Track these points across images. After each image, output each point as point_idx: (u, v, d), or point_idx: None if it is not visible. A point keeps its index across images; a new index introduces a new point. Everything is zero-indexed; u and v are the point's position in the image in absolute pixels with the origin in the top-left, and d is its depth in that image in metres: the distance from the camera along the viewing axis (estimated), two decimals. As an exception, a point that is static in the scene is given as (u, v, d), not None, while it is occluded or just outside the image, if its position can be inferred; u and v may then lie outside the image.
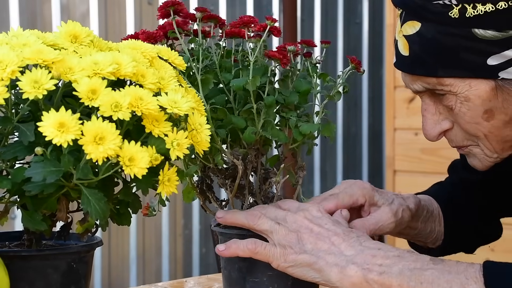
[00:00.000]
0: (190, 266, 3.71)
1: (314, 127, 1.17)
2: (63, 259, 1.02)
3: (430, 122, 1.20)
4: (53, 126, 0.89)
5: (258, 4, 3.89)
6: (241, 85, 1.13)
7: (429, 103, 1.20)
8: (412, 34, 1.14)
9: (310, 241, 1.13)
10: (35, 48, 0.95)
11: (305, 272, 1.13)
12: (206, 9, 1.19)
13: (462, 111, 1.15)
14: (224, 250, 1.15)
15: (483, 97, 1.13)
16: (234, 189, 1.20)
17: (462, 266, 1.06)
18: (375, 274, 1.07)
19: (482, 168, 1.24)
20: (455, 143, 1.23)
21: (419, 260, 1.08)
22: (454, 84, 1.13)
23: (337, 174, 4.25)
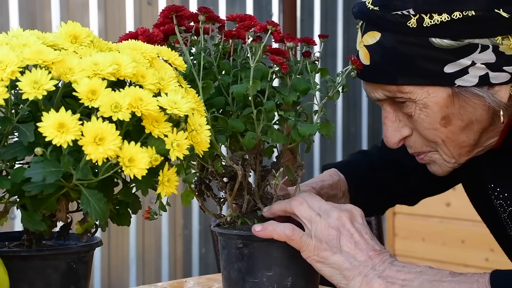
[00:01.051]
0: (189, 266, 3.71)
1: (313, 128, 1.17)
2: (63, 259, 1.02)
3: (390, 130, 1.24)
4: (53, 126, 0.89)
5: (258, 4, 3.89)
6: (241, 92, 1.13)
7: (390, 111, 1.23)
8: (373, 44, 1.19)
9: (348, 246, 1.14)
10: (35, 48, 0.95)
11: (333, 273, 1.14)
12: (209, 9, 1.18)
13: (421, 118, 1.19)
14: (261, 230, 1.15)
15: (440, 103, 1.17)
16: (233, 193, 1.20)
17: (476, 276, 1.11)
18: (398, 286, 1.11)
19: (442, 174, 1.28)
20: (414, 149, 1.26)
21: (439, 273, 1.12)
22: (413, 91, 1.18)
23: (337, 174, 4.25)
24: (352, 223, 1.16)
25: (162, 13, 1.19)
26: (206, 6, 1.19)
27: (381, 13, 1.17)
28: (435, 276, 1.12)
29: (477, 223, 1.54)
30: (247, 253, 1.18)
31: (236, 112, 1.17)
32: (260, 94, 1.16)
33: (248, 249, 1.17)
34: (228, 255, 1.20)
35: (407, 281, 1.11)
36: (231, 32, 1.20)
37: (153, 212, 1.16)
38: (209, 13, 1.19)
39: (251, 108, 1.15)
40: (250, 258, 1.17)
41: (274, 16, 3.93)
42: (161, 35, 1.17)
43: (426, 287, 1.10)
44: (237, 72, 1.18)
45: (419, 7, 1.14)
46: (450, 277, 1.11)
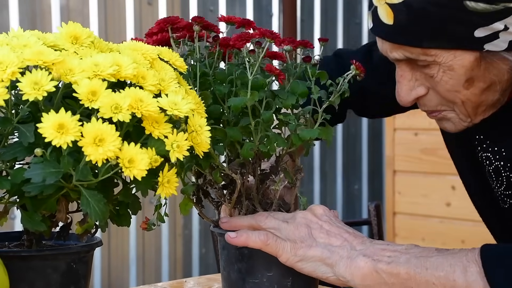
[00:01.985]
0: (189, 266, 3.71)
1: (313, 132, 1.17)
2: (63, 260, 1.02)
3: (405, 89, 1.21)
4: (52, 127, 0.89)
5: (258, 4, 3.89)
6: (239, 106, 1.12)
7: (406, 70, 1.20)
8: (398, 3, 1.13)
9: (321, 236, 1.15)
10: (35, 49, 0.95)
11: (316, 267, 1.14)
12: (203, 18, 1.18)
13: (444, 80, 1.16)
14: (235, 238, 1.15)
15: (466, 67, 1.14)
16: (232, 202, 1.20)
17: (464, 251, 1.10)
18: (384, 263, 1.11)
19: (455, 131, 1.25)
20: (428, 108, 1.23)
21: (425, 250, 1.12)
22: (439, 54, 1.14)
23: (337, 174, 4.25)
24: (318, 217, 1.17)
25: (157, 25, 1.18)
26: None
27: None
28: (422, 252, 1.11)
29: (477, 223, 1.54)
30: (247, 254, 1.18)
31: (232, 121, 1.17)
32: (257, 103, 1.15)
33: (248, 250, 1.17)
34: (228, 256, 1.20)
35: (393, 257, 1.11)
36: (227, 42, 1.19)
37: (150, 223, 1.16)
38: (204, 23, 1.18)
39: (249, 118, 1.14)
40: (250, 259, 1.17)
41: (274, 16, 3.93)
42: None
43: (413, 262, 1.10)
44: (232, 80, 1.17)
45: None
46: (437, 252, 1.11)
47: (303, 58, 1.21)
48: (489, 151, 1.28)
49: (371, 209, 2.17)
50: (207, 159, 1.09)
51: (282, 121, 1.19)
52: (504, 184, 1.28)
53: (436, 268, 1.09)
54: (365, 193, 4.36)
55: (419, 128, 3.43)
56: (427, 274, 1.09)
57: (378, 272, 1.11)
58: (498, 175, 1.28)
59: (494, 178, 1.29)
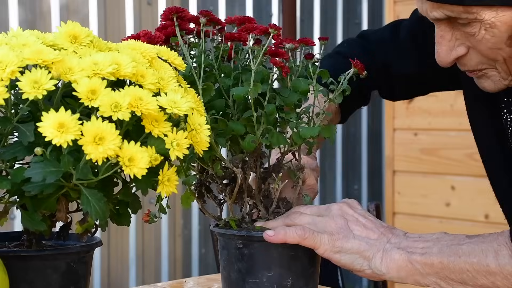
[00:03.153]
0: (189, 266, 3.71)
1: (315, 130, 1.17)
2: (63, 260, 1.02)
3: (445, 49, 1.19)
4: (52, 126, 0.89)
5: (258, 4, 3.89)
6: (241, 95, 1.13)
7: (446, 30, 1.18)
8: None
9: (358, 229, 1.17)
10: (34, 48, 0.95)
11: (354, 259, 1.16)
12: (210, 12, 1.18)
13: (486, 38, 1.15)
14: (273, 236, 1.15)
15: (509, 23, 1.13)
16: (233, 196, 1.20)
17: (494, 235, 1.13)
18: (418, 255, 1.14)
19: (493, 90, 1.24)
20: (469, 67, 1.22)
21: (456, 237, 1.15)
22: (481, 11, 1.12)
23: (337, 174, 4.25)
24: (353, 210, 1.19)
25: (163, 14, 1.19)
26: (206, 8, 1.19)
27: None
28: (453, 240, 1.14)
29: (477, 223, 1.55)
30: (247, 254, 1.17)
31: (236, 115, 1.17)
32: (260, 97, 1.16)
33: (248, 250, 1.17)
34: (228, 256, 1.20)
35: (426, 248, 1.14)
36: (232, 34, 1.20)
37: (152, 215, 1.16)
38: (211, 16, 1.19)
39: (251, 111, 1.15)
40: (250, 259, 1.17)
41: (274, 17, 3.93)
42: (163, 37, 1.18)
43: (445, 251, 1.13)
44: (238, 75, 1.17)
45: None
46: (468, 239, 1.14)
47: (305, 55, 1.21)
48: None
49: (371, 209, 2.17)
50: (208, 151, 1.09)
51: (284, 119, 1.19)
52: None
53: (469, 255, 1.11)
54: (364, 193, 4.36)
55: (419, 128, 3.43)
56: (461, 262, 1.12)
57: (412, 264, 1.14)
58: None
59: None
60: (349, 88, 1.21)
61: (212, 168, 1.18)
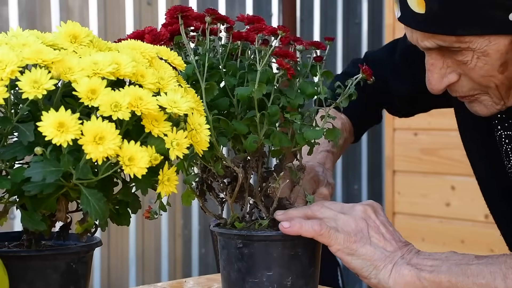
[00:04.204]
0: (189, 266, 3.71)
1: (319, 133, 1.17)
2: (63, 260, 1.01)
3: (436, 77, 1.19)
4: (52, 126, 0.89)
5: (258, 4, 3.89)
6: (245, 95, 1.13)
7: (437, 58, 1.18)
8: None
9: (376, 237, 1.17)
10: (34, 48, 0.95)
11: (364, 265, 1.16)
12: (216, 11, 1.18)
13: (478, 66, 1.15)
14: (288, 227, 1.15)
15: (501, 51, 1.12)
16: (234, 195, 1.20)
17: (503, 257, 1.12)
18: (427, 272, 1.13)
19: (487, 114, 1.24)
20: (460, 93, 1.22)
21: (465, 257, 1.15)
22: (473, 40, 1.12)
23: (337, 174, 4.25)
24: (376, 215, 1.19)
25: (168, 12, 1.18)
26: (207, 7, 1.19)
27: None
28: (462, 260, 1.14)
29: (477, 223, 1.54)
30: (247, 253, 1.17)
31: (240, 114, 1.17)
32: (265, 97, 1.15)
33: (248, 249, 1.17)
34: (227, 255, 1.20)
35: (435, 266, 1.14)
36: (240, 34, 1.19)
37: (153, 211, 1.16)
38: (217, 15, 1.18)
39: (255, 111, 1.14)
40: (250, 258, 1.17)
41: (274, 16, 3.93)
42: (167, 35, 1.17)
43: (454, 270, 1.12)
44: (243, 74, 1.17)
45: None
46: (477, 260, 1.13)
47: (314, 58, 1.21)
48: (511, 129, 1.27)
49: (371, 209, 2.17)
50: (209, 150, 1.09)
51: (288, 120, 1.19)
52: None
53: (477, 276, 1.11)
54: (364, 193, 4.35)
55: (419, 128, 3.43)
56: (469, 282, 1.11)
57: (420, 281, 1.13)
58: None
59: (511, 157, 1.28)
60: (355, 93, 1.20)
61: (214, 166, 1.18)
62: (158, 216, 1.17)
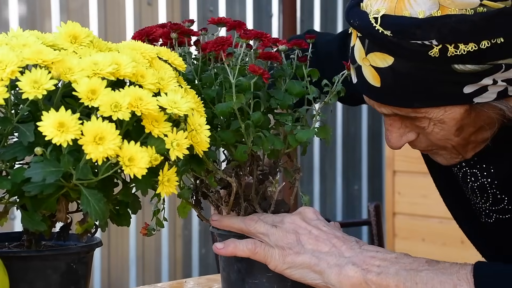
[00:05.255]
0: (189, 266, 3.71)
1: (310, 133, 1.16)
2: (63, 260, 1.01)
3: (395, 136, 1.20)
4: (53, 126, 0.89)
5: (258, 4, 3.89)
6: (226, 111, 1.12)
7: (396, 119, 1.19)
8: (384, 67, 1.11)
9: (310, 242, 1.14)
10: (34, 48, 0.95)
11: (305, 274, 1.13)
12: (180, 25, 1.17)
13: (435, 131, 1.16)
14: (222, 249, 1.15)
15: (457, 119, 1.13)
16: (230, 205, 1.20)
17: (455, 267, 1.09)
18: (374, 274, 1.10)
19: (447, 165, 1.25)
20: (419, 148, 1.23)
21: (415, 261, 1.11)
22: (429, 111, 1.13)
23: (337, 175, 4.25)
24: (306, 222, 1.16)
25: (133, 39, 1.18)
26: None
27: (395, 39, 1.08)
28: (412, 264, 1.10)
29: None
30: (247, 254, 1.17)
31: (224, 124, 1.16)
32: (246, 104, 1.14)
33: (248, 249, 1.17)
34: (227, 256, 1.20)
35: (383, 267, 1.10)
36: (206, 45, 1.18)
37: (150, 228, 1.16)
38: (181, 29, 1.17)
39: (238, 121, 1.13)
40: (249, 259, 1.17)
41: (274, 17, 3.94)
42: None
43: (403, 275, 1.09)
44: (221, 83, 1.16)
45: (444, 38, 1.06)
46: (427, 266, 1.10)
47: (298, 58, 1.21)
48: (476, 168, 1.27)
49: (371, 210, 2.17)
50: (201, 164, 1.09)
51: (279, 122, 1.18)
52: (490, 200, 1.27)
53: (426, 284, 1.08)
54: (365, 193, 4.36)
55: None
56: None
57: (367, 283, 1.10)
58: (483, 192, 1.27)
59: (478, 194, 1.28)
60: (343, 89, 1.20)
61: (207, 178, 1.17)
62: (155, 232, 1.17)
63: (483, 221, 1.31)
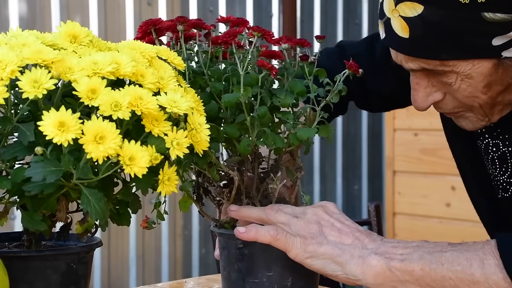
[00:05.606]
0: (189, 266, 3.71)
1: (311, 132, 1.16)
2: (63, 260, 1.01)
3: (421, 95, 1.20)
4: (53, 125, 0.89)
5: (258, 4, 3.89)
6: (232, 101, 1.12)
7: (422, 77, 1.19)
8: (414, 17, 1.11)
9: (332, 234, 1.14)
10: (34, 48, 0.95)
11: (326, 264, 1.13)
12: (185, 18, 1.18)
13: (462, 87, 1.16)
14: (244, 233, 1.14)
15: (485, 74, 1.13)
16: (231, 198, 1.20)
17: (479, 244, 1.10)
18: (397, 261, 1.10)
19: (472, 129, 1.25)
20: (445, 110, 1.23)
21: (438, 245, 1.12)
22: (457, 64, 1.13)
23: (337, 175, 4.25)
24: (329, 215, 1.17)
25: (140, 29, 1.18)
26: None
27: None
28: (434, 248, 1.11)
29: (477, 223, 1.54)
30: (247, 253, 1.17)
31: (229, 118, 1.17)
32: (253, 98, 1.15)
33: (248, 249, 1.17)
34: (228, 256, 1.20)
35: (406, 255, 1.11)
36: (217, 39, 1.19)
37: (151, 221, 1.16)
38: (188, 21, 1.18)
39: (244, 115, 1.14)
40: (250, 258, 1.17)
41: (274, 17, 3.93)
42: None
43: (427, 258, 1.09)
44: (228, 78, 1.17)
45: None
46: (451, 247, 1.10)
47: (300, 56, 1.21)
48: (499, 138, 1.27)
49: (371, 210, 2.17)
50: (204, 157, 1.09)
51: (281, 120, 1.19)
52: (509, 171, 1.27)
53: (452, 263, 1.08)
54: (365, 193, 4.35)
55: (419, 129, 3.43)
56: (443, 269, 1.08)
57: (391, 270, 1.10)
58: (503, 162, 1.28)
59: (497, 165, 1.28)
60: (345, 88, 1.20)
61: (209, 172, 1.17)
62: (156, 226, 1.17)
63: (499, 196, 1.31)
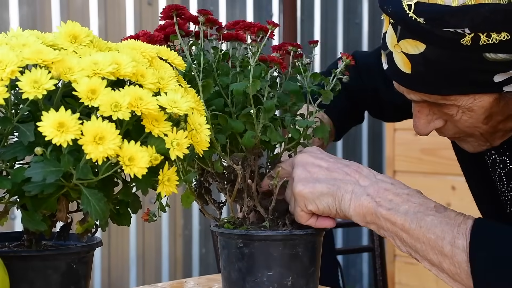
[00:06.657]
0: (190, 266, 3.71)
1: (310, 122, 1.18)
2: (63, 260, 1.01)
3: (423, 122, 1.22)
4: (52, 126, 0.89)
5: (258, 4, 3.89)
6: (241, 90, 1.13)
7: (423, 106, 1.21)
8: (416, 54, 1.12)
9: (322, 173, 1.17)
10: (34, 48, 0.95)
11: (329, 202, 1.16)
12: (209, 11, 1.19)
13: (463, 119, 1.17)
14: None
15: (486, 107, 1.15)
16: (233, 194, 1.20)
17: (460, 218, 1.11)
18: (384, 209, 1.13)
19: (473, 152, 1.27)
20: (446, 135, 1.25)
21: (424, 203, 1.13)
22: (458, 99, 1.14)
23: (337, 175, 4.25)
24: (313, 157, 1.19)
25: (163, 11, 1.19)
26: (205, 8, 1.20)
27: (428, 27, 1.09)
28: (420, 206, 1.13)
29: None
30: (247, 253, 1.18)
31: (235, 113, 1.17)
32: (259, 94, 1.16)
33: (249, 249, 1.17)
34: (228, 255, 1.20)
35: (394, 203, 1.13)
36: (230, 34, 1.20)
37: (152, 213, 1.16)
38: (209, 15, 1.19)
39: (250, 107, 1.15)
40: (250, 258, 1.17)
41: (274, 17, 3.93)
42: (162, 36, 1.18)
43: (410, 216, 1.12)
44: (235, 74, 1.18)
45: (477, 27, 1.07)
46: (434, 211, 1.12)
47: (294, 55, 1.23)
48: (506, 155, 1.29)
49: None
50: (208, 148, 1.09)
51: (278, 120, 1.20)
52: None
53: (429, 230, 1.11)
54: (365, 193, 4.35)
55: (419, 128, 3.43)
56: (420, 233, 1.11)
57: (376, 215, 1.14)
58: (510, 179, 1.29)
59: (505, 181, 1.30)
60: (339, 84, 1.22)
61: (212, 165, 1.18)
62: (157, 218, 1.17)
63: (508, 211, 1.32)
